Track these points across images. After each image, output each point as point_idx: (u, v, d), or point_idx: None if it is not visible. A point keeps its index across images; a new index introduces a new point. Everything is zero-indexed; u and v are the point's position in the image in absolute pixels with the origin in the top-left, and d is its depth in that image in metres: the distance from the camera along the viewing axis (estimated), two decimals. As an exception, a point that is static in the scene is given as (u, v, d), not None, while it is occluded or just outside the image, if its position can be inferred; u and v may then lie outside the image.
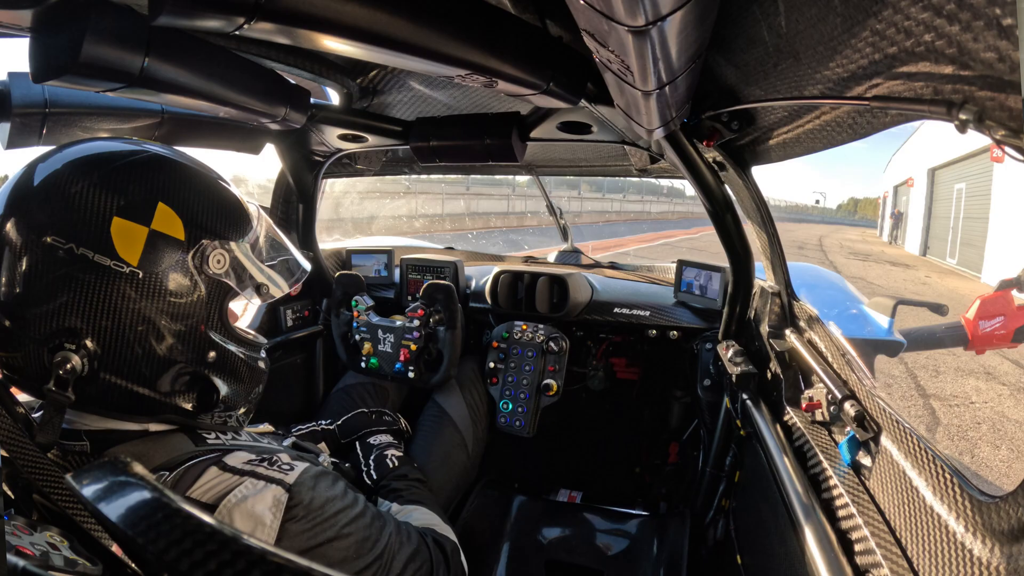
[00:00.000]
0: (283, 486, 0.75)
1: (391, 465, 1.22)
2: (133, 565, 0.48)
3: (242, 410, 0.89)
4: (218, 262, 0.79)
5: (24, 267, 0.67)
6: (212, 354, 0.80)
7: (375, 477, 1.20)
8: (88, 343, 0.69)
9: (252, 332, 0.90)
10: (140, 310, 0.72)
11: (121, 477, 0.36)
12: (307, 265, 0.97)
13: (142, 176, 0.73)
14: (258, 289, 0.86)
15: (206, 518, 0.31)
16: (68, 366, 0.67)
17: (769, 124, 0.95)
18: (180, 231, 0.75)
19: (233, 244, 0.81)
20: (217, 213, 0.79)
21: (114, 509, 0.33)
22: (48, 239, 0.67)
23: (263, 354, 0.92)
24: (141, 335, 0.73)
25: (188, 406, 0.80)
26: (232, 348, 0.84)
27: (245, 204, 0.86)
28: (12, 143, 0.89)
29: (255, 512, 0.71)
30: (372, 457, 1.25)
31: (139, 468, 0.40)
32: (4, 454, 0.60)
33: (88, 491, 0.35)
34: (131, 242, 0.70)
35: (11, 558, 0.40)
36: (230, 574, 0.27)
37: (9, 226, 0.68)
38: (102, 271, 0.69)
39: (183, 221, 0.75)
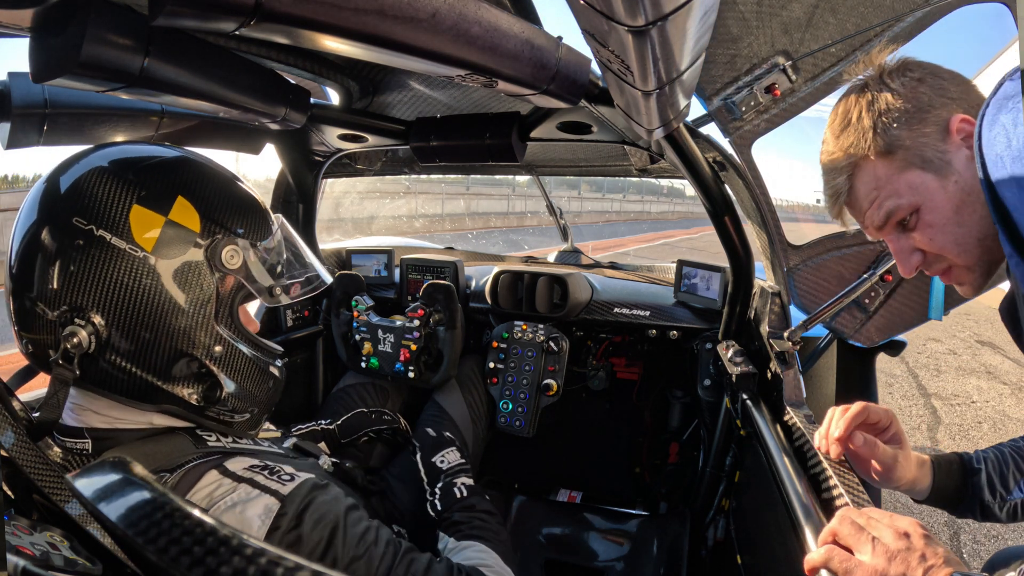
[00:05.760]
0: (277, 496, 0.74)
1: (458, 495, 1.15)
2: (133, 565, 0.48)
3: (248, 415, 0.89)
4: (231, 257, 0.81)
5: (48, 246, 0.71)
6: (218, 348, 0.81)
7: (439, 508, 1.14)
8: (96, 320, 0.72)
9: (268, 342, 0.91)
10: (150, 295, 0.74)
11: (121, 477, 0.37)
12: (328, 278, 0.97)
13: (166, 172, 0.78)
14: (270, 291, 0.87)
15: (205, 518, 0.31)
16: (75, 340, 0.70)
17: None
18: (196, 223, 0.78)
19: (249, 243, 0.83)
20: (235, 212, 0.82)
21: (114, 509, 0.33)
22: (72, 220, 0.71)
23: (278, 363, 0.92)
24: (149, 319, 0.75)
25: (192, 399, 0.81)
26: (242, 347, 0.84)
27: (266, 210, 0.88)
28: (12, 143, 0.89)
29: (244, 517, 0.71)
30: (439, 485, 1.18)
31: (139, 468, 0.40)
32: (4, 454, 0.61)
33: (88, 491, 0.35)
34: (148, 229, 0.74)
35: (11, 558, 0.40)
36: (227, 572, 0.27)
37: (41, 210, 0.73)
38: (118, 253, 0.72)
39: (200, 215, 0.78)
